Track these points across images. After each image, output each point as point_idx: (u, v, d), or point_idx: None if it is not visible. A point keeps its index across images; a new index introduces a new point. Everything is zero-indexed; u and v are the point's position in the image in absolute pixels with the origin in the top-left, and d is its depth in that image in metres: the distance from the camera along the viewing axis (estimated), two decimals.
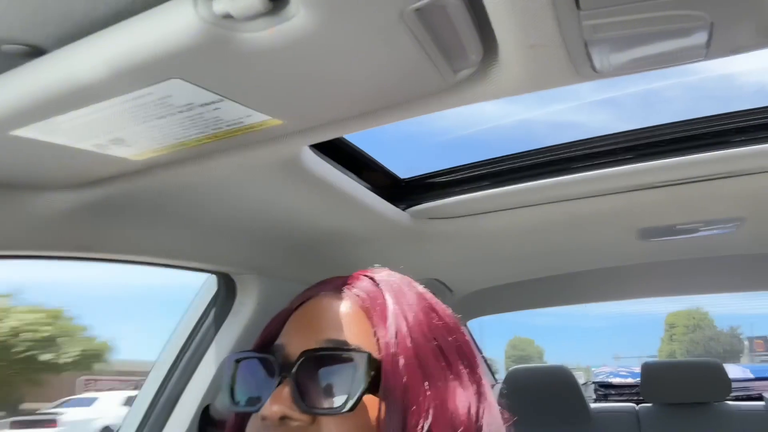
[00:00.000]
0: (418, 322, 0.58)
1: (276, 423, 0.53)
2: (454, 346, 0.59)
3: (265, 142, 0.70)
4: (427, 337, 0.57)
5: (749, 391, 3.57)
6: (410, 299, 0.60)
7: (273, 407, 0.52)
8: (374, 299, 0.59)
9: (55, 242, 0.81)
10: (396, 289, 0.61)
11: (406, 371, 0.54)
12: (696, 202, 1.15)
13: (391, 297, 0.59)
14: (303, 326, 0.59)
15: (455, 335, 0.60)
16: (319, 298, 0.62)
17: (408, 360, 0.54)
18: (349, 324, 0.58)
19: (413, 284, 0.64)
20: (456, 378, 0.57)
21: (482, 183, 1.14)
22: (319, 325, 0.58)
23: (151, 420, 1.14)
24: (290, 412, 0.52)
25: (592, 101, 1.47)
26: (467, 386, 0.57)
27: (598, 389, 4.13)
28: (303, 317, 0.61)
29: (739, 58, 0.56)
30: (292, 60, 0.50)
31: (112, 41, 0.47)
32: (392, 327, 0.56)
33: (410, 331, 0.56)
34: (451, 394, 0.55)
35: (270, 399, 0.53)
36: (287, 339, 0.59)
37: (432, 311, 0.61)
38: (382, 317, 0.57)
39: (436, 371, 0.55)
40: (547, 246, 1.44)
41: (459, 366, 0.58)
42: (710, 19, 0.47)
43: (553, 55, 0.53)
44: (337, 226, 1.09)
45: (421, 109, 0.64)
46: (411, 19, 0.46)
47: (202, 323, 1.22)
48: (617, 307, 61.81)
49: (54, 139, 0.59)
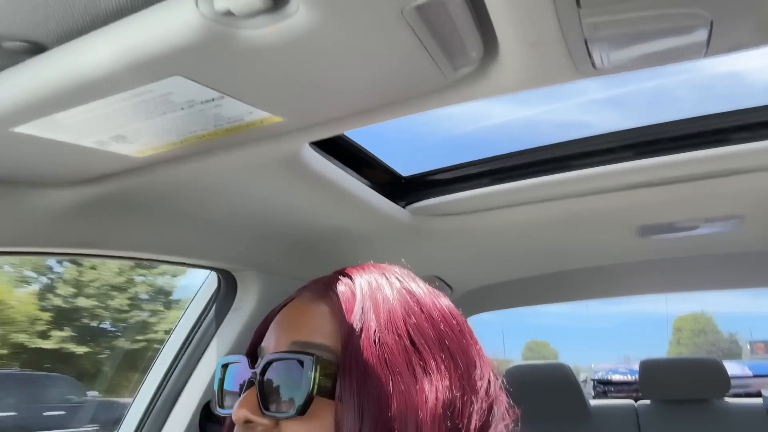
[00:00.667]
0: (393, 319, 0.56)
1: (243, 427, 0.55)
2: (436, 341, 0.57)
3: (266, 140, 0.70)
4: (400, 334, 0.56)
5: (748, 388, 3.58)
6: (389, 294, 0.59)
7: (239, 411, 0.54)
8: (345, 299, 0.59)
9: (57, 239, 0.81)
10: (373, 286, 0.60)
11: (365, 371, 0.53)
12: (696, 200, 1.15)
13: (364, 295, 0.59)
14: (280, 329, 0.60)
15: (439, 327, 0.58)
16: (299, 299, 0.62)
17: (369, 359, 0.53)
18: (319, 326, 0.58)
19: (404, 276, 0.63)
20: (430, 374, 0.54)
21: (482, 180, 1.14)
22: (291, 327, 0.59)
23: (152, 415, 1.15)
24: (252, 417, 0.54)
25: (598, 100, 1.47)
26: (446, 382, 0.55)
27: (597, 386, 4.14)
28: (280, 320, 0.62)
29: (743, 56, 0.56)
30: (293, 57, 0.50)
31: (114, 38, 0.47)
32: (357, 326, 0.55)
33: (379, 329, 0.55)
34: (421, 390, 0.53)
35: (238, 403, 0.55)
36: (267, 342, 0.61)
37: (416, 305, 0.59)
38: (348, 317, 0.57)
39: (403, 369, 0.54)
40: (547, 243, 1.45)
41: (437, 361, 0.56)
42: (710, 16, 0.47)
43: (553, 52, 0.53)
44: (337, 223, 1.09)
45: (422, 107, 0.64)
46: (411, 16, 0.46)
47: (202, 320, 1.23)
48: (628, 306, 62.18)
49: (56, 135, 0.60)
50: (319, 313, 0.59)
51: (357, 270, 0.64)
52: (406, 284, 0.62)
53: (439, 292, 0.64)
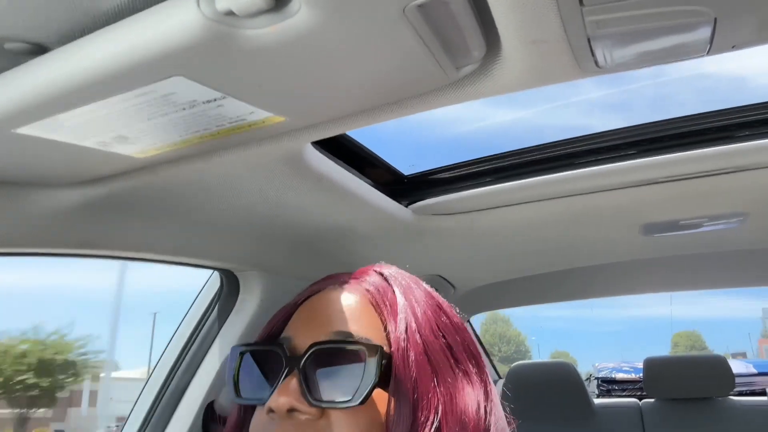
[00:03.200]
0: (427, 319, 0.57)
1: (283, 416, 0.52)
2: (462, 344, 0.58)
3: (268, 139, 0.70)
4: (436, 334, 0.57)
5: (752, 386, 3.57)
6: (419, 296, 0.59)
7: (281, 399, 0.51)
8: (384, 293, 0.59)
9: (59, 239, 0.81)
10: (405, 285, 0.60)
11: (415, 366, 0.53)
12: (700, 198, 1.14)
13: (400, 292, 0.59)
14: (310, 319, 0.59)
15: (462, 334, 0.60)
16: (326, 291, 0.61)
17: (418, 355, 0.53)
18: (358, 317, 0.57)
19: (420, 282, 0.63)
20: (465, 376, 0.56)
21: (485, 179, 1.14)
22: (328, 317, 0.57)
23: (155, 415, 1.15)
24: (298, 405, 0.51)
25: (600, 102, 1.47)
26: (475, 384, 0.56)
27: (600, 385, 4.13)
28: (310, 310, 0.60)
29: (746, 53, 0.56)
30: (294, 57, 0.50)
31: (115, 39, 0.47)
32: (402, 322, 0.55)
33: (419, 327, 0.56)
34: (460, 391, 0.54)
35: (277, 391, 0.52)
36: (294, 332, 0.58)
37: (440, 309, 0.60)
38: (393, 311, 0.56)
39: (444, 368, 0.55)
40: (550, 242, 1.44)
41: (467, 364, 0.57)
42: (714, 14, 0.47)
43: (555, 50, 0.53)
44: (339, 222, 1.09)
45: (424, 106, 0.64)
46: (413, 15, 0.46)
47: (205, 320, 1.23)
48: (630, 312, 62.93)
49: (57, 136, 0.60)
50: (358, 305, 0.58)
51: (376, 268, 0.64)
52: (423, 286, 0.63)
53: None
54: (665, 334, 50.30)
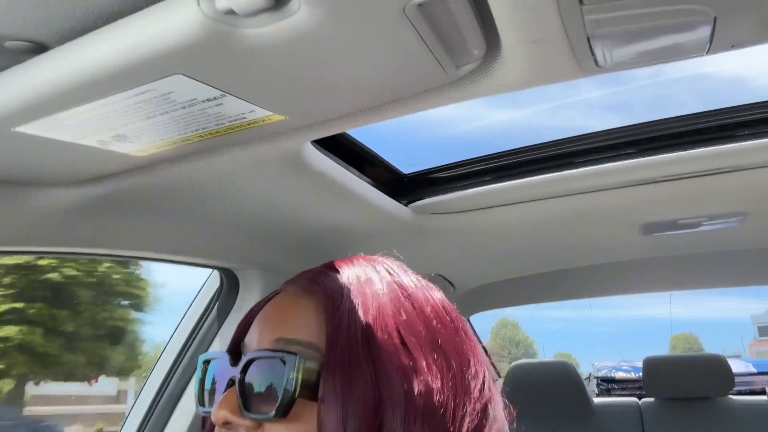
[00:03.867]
0: (382, 316, 0.53)
1: (223, 428, 0.52)
2: (427, 340, 0.54)
3: (268, 138, 0.70)
4: (390, 333, 0.52)
5: (752, 386, 3.57)
6: (377, 290, 0.56)
7: (219, 412, 0.51)
8: (332, 293, 0.56)
9: (59, 238, 0.81)
10: (362, 281, 0.57)
11: (349, 371, 0.50)
12: (699, 197, 1.14)
13: (351, 290, 0.56)
14: (263, 325, 0.57)
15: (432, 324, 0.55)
16: (284, 294, 0.59)
17: (356, 359, 0.50)
18: (304, 322, 0.54)
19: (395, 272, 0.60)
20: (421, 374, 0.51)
21: (485, 178, 1.14)
22: (276, 323, 0.56)
23: (154, 414, 1.15)
24: (233, 418, 0.51)
25: (600, 103, 1.47)
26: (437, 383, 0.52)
27: (600, 384, 4.13)
28: (263, 315, 0.58)
29: (746, 53, 0.56)
30: (294, 55, 0.50)
31: (115, 37, 0.47)
32: (343, 323, 0.52)
33: (366, 327, 0.52)
34: (411, 394, 0.50)
35: (217, 403, 0.52)
36: (250, 338, 0.57)
37: (407, 300, 0.56)
38: (334, 312, 0.54)
39: (394, 370, 0.51)
40: (549, 241, 1.44)
41: (428, 359, 0.52)
42: (713, 13, 0.47)
43: (555, 49, 0.53)
44: (339, 221, 1.09)
45: (424, 105, 0.64)
46: (413, 14, 0.46)
47: (205, 318, 1.23)
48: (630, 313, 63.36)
49: (57, 135, 0.60)
50: (305, 309, 0.55)
51: (346, 262, 0.61)
52: (397, 277, 0.59)
53: (432, 285, 0.61)
54: (665, 335, 50.80)
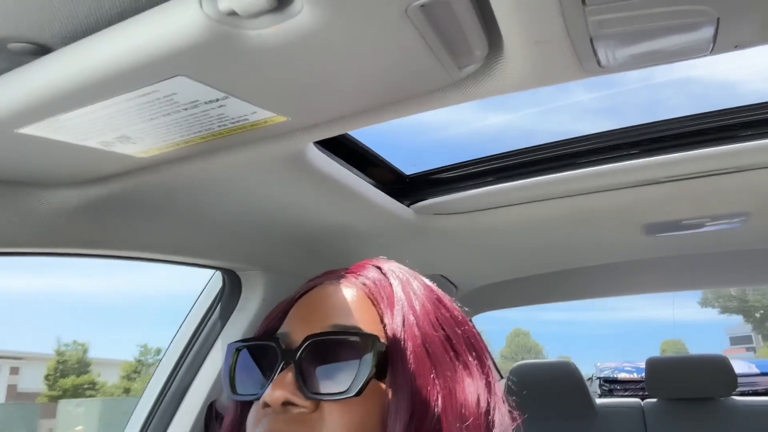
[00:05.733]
0: (426, 312, 0.57)
1: (278, 410, 0.51)
2: (462, 337, 0.58)
3: (270, 139, 0.70)
4: (435, 327, 0.56)
5: (755, 386, 3.56)
6: (417, 289, 0.59)
7: (275, 393, 0.51)
8: (381, 287, 0.59)
9: (62, 239, 0.81)
10: (403, 279, 0.60)
11: (413, 358, 0.52)
12: (702, 197, 1.14)
13: (398, 285, 0.59)
14: (307, 314, 0.58)
15: (463, 327, 0.59)
16: (323, 286, 0.61)
17: (416, 348, 0.53)
18: (355, 310, 0.56)
19: (419, 276, 0.63)
20: (465, 369, 0.56)
21: (487, 179, 1.14)
22: (325, 311, 0.57)
23: (158, 413, 1.15)
24: (293, 398, 0.50)
25: (596, 108, 1.47)
26: (476, 378, 0.56)
27: (603, 384, 4.12)
28: (307, 305, 0.60)
29: (748, 53, 0.56)
30: (296, 57, 0.50)
31: (118, 39, 0.47)
32: (399, 314, 0.55)
33: (417, 319, 0.55)
34: (460, 384, 0.54)
35: (272, 385, 0.51)
36: (291, 327, 0.58)
37: (439, 302, 0.60)
38: (390, 304, 0.56)
39: (444, 361, 0.54)
40: (552, 242, 1.44)
41: (468, 357, 0.57)
42: (716, 13, 0.47)
43: (558, 50, 0.53)
44: (342, 222, 1.09)
45: (426, 105, 0.64)
46: (416, 15, 0.46)
47: (207, 319, 1.23)
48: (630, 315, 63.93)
49: (60, 136, 0.60)
50: (355, 299, 0.57)
51: (379, 262, 0.64)
52: (425, 280, 0.63)
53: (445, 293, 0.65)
54: (657, 339, 51.23)
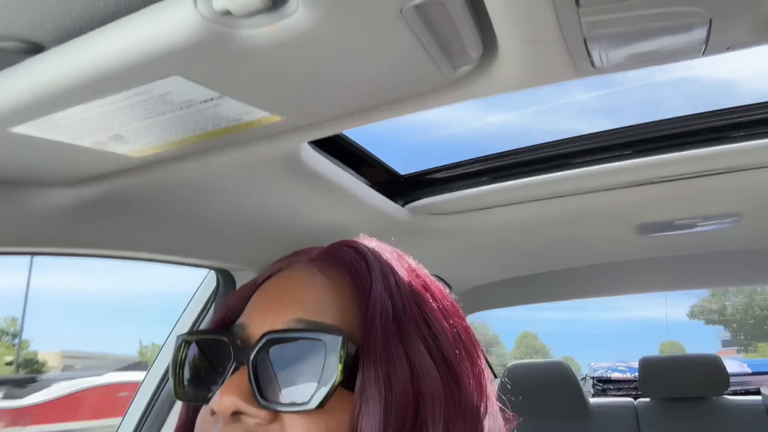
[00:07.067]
0: (408, 304, 0.49)
1: (227, 419, 0.43)
2: (450, 332, 0.50)
3: (265, 139, 0.70)
4: (418, 322, 0.48)
5: (747, 386, 3.59)
6: (400, 275, 0.51)
7: (224, 400, 0.43)
8: (358, 273, 0.50)
9: (55, 239, 0.81)
10: (384, 263, 0.51)
11: (389, 362, 0.44)
12: (694, 198, 1.15)
13: (377, 270, 0.50)
14: (269, 303, 0.49)
15: (452, 320, 0.51)
16: (291, 270, 0.52)
17: (393, 348, 0.45)
18: (325, 302, 0.48)
19: (404, 258, 0.55)
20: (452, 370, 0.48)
21: (481, 179, 1.14)
22: (289, 302, 0.48)
23: (151, 414, 1.15)
24: (245, 407, 0.43)
25: (594, 108, 1.47)
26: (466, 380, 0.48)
27: (596, 384, 4.14)
28: (270, 293, 0.51)
29: (740, 54, 0.56)
30: (291, 57, 0.50)
31: (112, 38, 0.47)
32: (376, 306, 0.47)
33: (397, 312, 0.47)
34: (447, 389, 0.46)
35: (221, 389, 0.43)
36: (249, 318, 0.49)
37: (425, 290, 0.51)
38: (365, 294, 0.48)
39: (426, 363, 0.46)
40: (545, 241, 1.45)
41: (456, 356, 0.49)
42: (709, 15, 0.47)
43: (552, 51, 0.53)
44: (336, 221, 1.09)
45: (421, 105, 0.64)
46: (410, 15, 0.46)
47: (201, 319, 1.23)
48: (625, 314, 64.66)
49: (53, 136, 0.59)
50: (325, 287, 0.49)
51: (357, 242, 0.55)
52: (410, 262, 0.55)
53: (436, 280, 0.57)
54: (656, 339, 51.59)
